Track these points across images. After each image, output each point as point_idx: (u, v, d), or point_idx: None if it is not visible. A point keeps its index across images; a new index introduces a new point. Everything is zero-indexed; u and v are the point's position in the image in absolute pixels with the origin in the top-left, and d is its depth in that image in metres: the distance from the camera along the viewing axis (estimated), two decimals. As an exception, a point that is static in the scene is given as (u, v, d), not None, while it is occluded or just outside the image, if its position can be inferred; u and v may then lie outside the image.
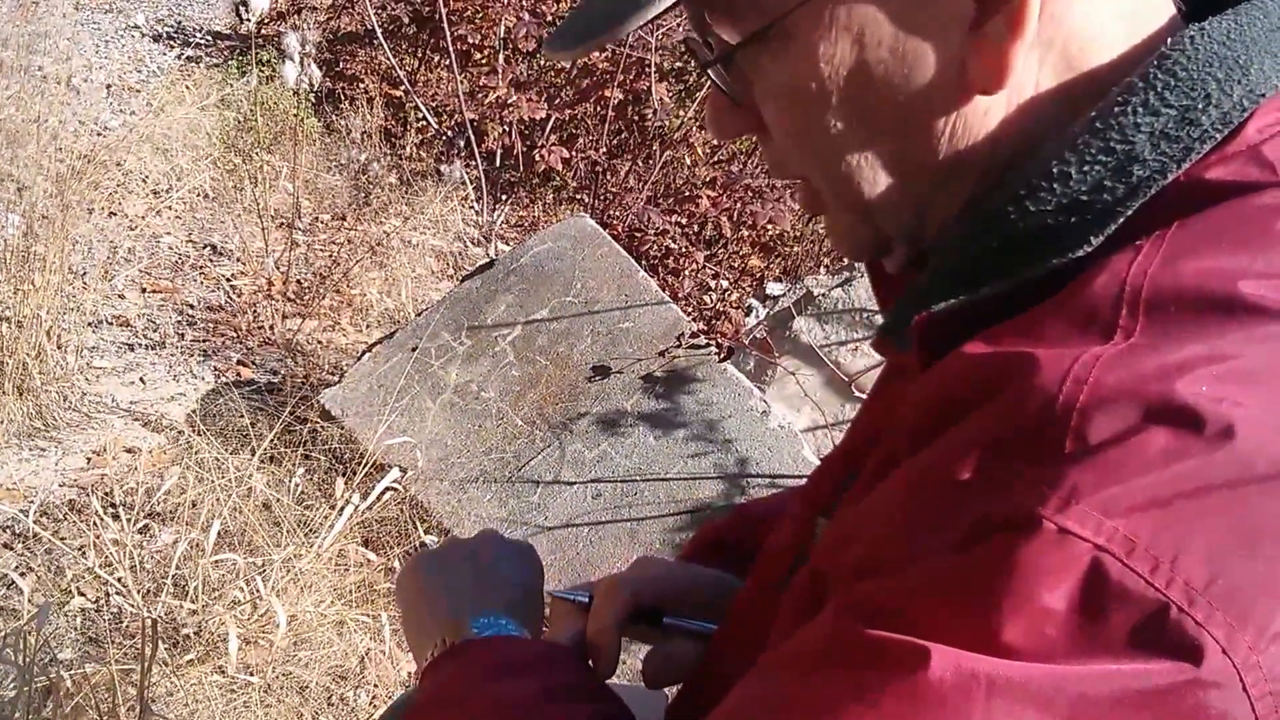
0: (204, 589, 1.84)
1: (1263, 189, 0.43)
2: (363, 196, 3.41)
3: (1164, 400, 0.38)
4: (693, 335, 2.29)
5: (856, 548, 0.44)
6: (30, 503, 2.07)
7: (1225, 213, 0.43)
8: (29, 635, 1.57)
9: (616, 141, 3.50)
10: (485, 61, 3.64)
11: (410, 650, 0.70)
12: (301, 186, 3.25)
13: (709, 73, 0.52)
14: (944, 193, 0.50)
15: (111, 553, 1.88)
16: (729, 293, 3.09)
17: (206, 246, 3.09)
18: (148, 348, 2.65)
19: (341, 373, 2.44)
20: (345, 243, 3.19)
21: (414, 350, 2.36)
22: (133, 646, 1.81)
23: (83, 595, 1.92)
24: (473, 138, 3.29)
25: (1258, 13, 0.46)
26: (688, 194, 3.23)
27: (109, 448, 2.28)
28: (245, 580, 1.86)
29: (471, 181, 3.44)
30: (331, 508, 2.01)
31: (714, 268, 3.15)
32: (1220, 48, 0.45)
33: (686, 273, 3.06)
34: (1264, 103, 0.44)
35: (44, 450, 2.26)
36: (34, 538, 2.00)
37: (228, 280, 2.97)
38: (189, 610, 1.83)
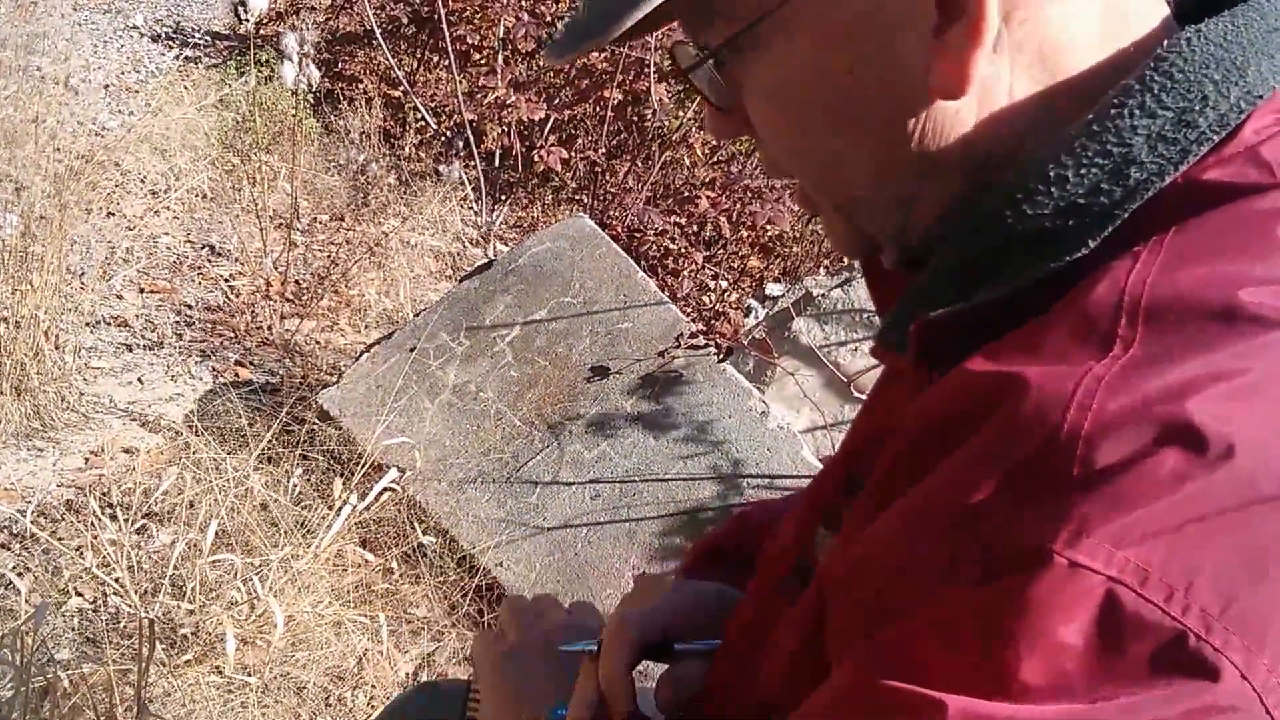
0: (201, 589, 1.84)
1: (1262, 191, 0.43)
2: (361, 197, 3.41)
3: (1170, 422, 0.38)
4: (692, 336, 2.29)
5: (868, 586, 0.44)
6: (28, 503, 2.07)
7: (1224, 217, 0.43)
8: (26, 635, 1.56)
9: (616, 142, 3.50)
10: (484, 62, 3.63)
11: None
12: (300, 187, 3.24)
13: (689, 77, 0.53)
14: (923, 193, 0.50)
15: (109, 553, 1.88)
16: (728, 293, 3.09)
17: (205, 247, 3.09)
18: (146, 348, 2.65)
19: (340, 373, 2.44)
20: (344, 243, 3.19)
21: (412, 351, 2.36)
22: (130, 646, 1.80)
23: (80, 595, 1.92)
24: (471, 138, 3.29)
25: (1254, 14, 0.46)
26: (687, 194, 3.23)
27: (107, 448, 2.28)
28: (243, 581, 1.86)
29: (470, 182, 3.44)
30: (329, 508, 2.01)
31: (713, 268, 3.15)
32: (1217, 49, 0.44)
33: (685, 273, 3.05)
34: (1261, 104, 0.44)
35: (41, 450, 2.26)
36: (31, 538, 2.00)
37: (226, 281, 2.97)
38: (186, 610, 1.83)
